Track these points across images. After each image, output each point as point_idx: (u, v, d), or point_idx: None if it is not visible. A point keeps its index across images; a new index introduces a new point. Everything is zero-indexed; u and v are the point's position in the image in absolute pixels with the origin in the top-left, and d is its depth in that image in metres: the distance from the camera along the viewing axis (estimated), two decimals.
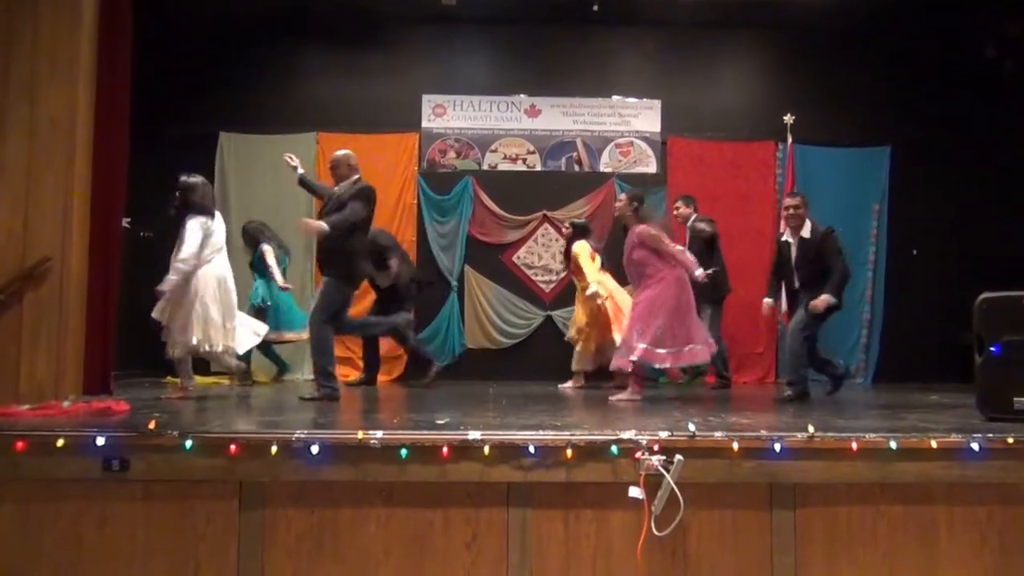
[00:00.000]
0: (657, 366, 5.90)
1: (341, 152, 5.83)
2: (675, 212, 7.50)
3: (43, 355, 5.08)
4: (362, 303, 7.72)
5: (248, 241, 7.36)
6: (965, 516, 3.63)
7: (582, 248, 7.12)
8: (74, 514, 3.51)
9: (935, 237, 8.37)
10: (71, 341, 5.18)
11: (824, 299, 5.70)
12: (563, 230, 7.77)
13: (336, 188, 5.71)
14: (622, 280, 6.86)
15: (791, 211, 6.03)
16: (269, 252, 7.22)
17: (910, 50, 8.40)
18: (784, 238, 6.16)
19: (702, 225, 7.23)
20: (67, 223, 5.21)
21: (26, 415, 4.14)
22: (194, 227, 5.53)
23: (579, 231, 7.32)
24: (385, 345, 7.90)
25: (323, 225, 5.42)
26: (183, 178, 5.74)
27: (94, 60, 5.46)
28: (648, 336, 5.63)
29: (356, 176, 5.69)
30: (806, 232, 5.96)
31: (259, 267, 7.29)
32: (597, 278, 6.95)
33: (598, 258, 7.25)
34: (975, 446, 3.58)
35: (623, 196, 6.00)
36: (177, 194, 5.68)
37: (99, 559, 3.50)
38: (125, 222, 6.04)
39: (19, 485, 3.52)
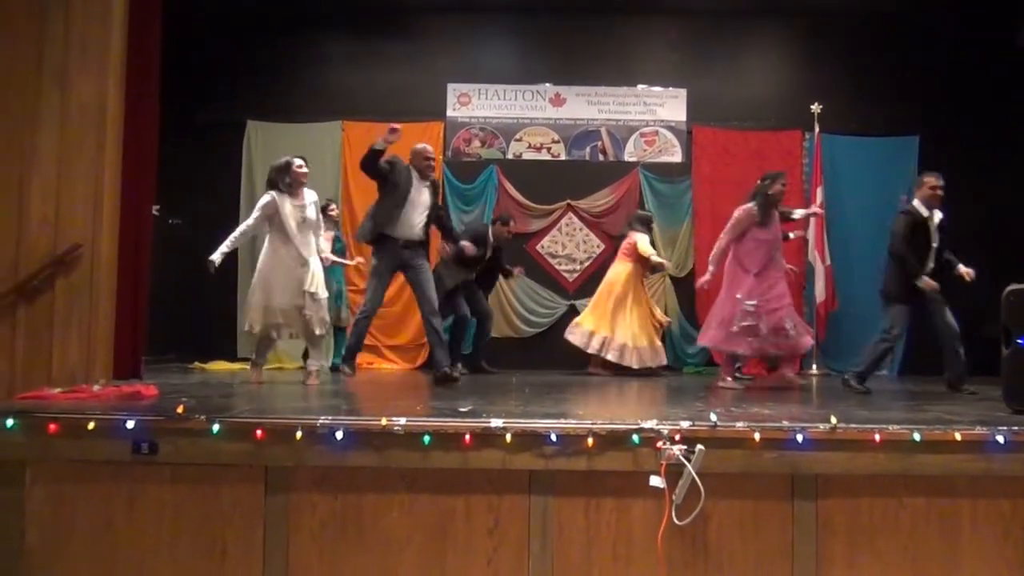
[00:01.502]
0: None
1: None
2: None
3: (74, 340, 5.15)
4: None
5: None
6: (988, 509, 3.59)
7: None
8: (104, 496, 3.57)
9: (963, 227, 8.23)
10: (101, 326, 5.26)
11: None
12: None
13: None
14: None
15: (939, 191, 5.91)
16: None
17: (939, 39, 8.30)
18: (925, 213, 5.94)
19: None
20: (98, 210, 5.28)
21: (58, 398, 4.20)
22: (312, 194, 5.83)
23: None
24: (409, 334, 7.97)
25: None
26: None
27: (124, 48, 5.52)
28: None
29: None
30: (941, 215, 5.91)
31: None
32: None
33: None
34: (1000, 439, 3.53)
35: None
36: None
37: (128, 540, 3.56)
38: (155, 209, 6.11)
39: (51, 466, 3.58)
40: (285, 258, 5.61)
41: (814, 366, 8.17)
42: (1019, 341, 4.28)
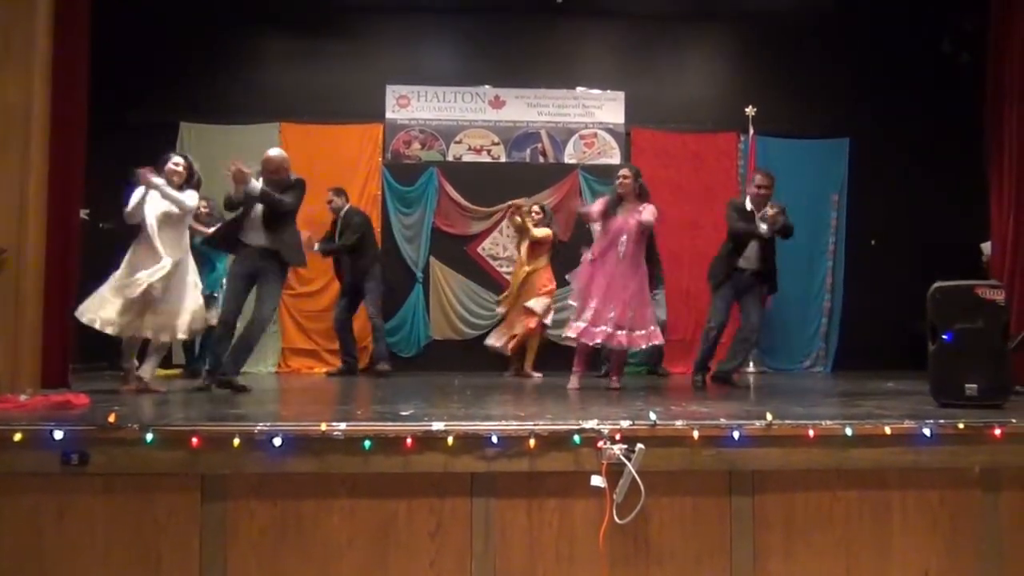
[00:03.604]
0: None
1: (279, 153, 5.86)
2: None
3: None
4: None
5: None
6: (918, 500, 3.71)
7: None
8: (32, 508, 3.46)
9: (892, 227, 8.53)
10: (28, 334, 5.10)
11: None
12: (535, 215, 7.61)
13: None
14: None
15: (762, 190, 6.20)
16: None
17: (869, 44, 8.56)
18: (748, 207, 6.27)
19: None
20: (23, 213, 5.12)
21: None
22: (193, 195, 5.51)
23: (549, 218, 7.62)
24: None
25: (247, 172, 5.41)
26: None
27: (50, 45, 5.36)
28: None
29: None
30: (770, 209, 6.14)
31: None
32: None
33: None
34: (927, 432, 3.66)
35: (627, 171, 5.95)
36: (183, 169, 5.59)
37: (59, 553, 3.45)
38: (84, 213, 5.95)
39: None
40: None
41: (751, 364, 8.32)
42: (944, 337, 4.44)
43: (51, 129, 5.35)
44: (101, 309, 5.23)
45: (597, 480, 3.46)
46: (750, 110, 8.40)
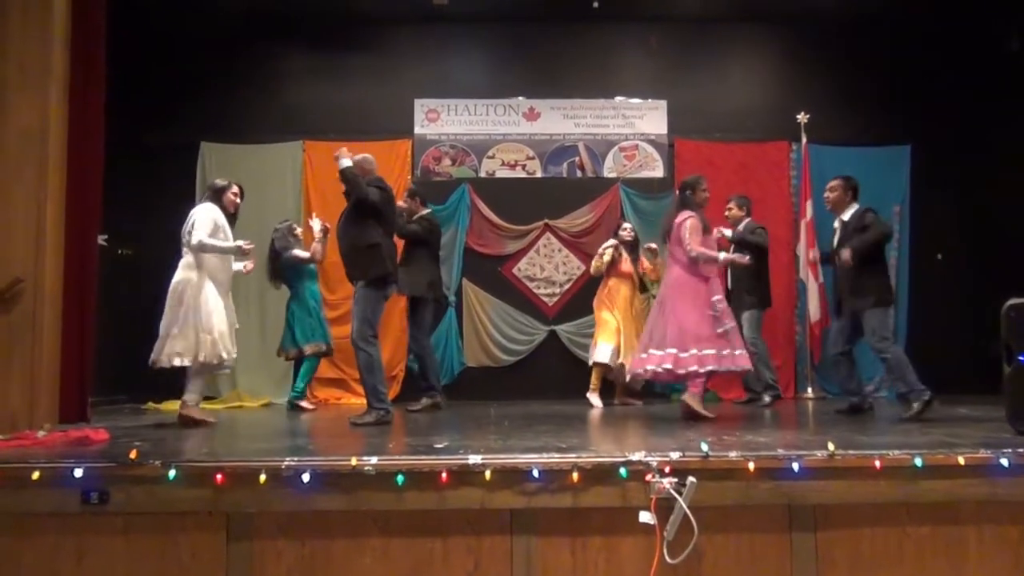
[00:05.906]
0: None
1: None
2: (726, 213, 7.42)
3: (16, 382, 5.09)
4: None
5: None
6: (996, 536, 3.63)
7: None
8: (51, 549, 3.51)
9: (960, 240, 8.40)
10: (45, 367, 5.19)
11: (847, 251, 5.75)
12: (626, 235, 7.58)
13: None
14: None
15: (825, 194, 6.25)
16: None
17: (929, 44, 8.45)
18: (835, 224, 6.29)
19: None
20: (40, 241, 5.24)
21: None
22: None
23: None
24: None
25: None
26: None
27: (67, 68, 5.51)
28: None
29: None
30: (847, 215, 6.08)
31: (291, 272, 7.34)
32: None
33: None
34: (1005, 462, 3.58)
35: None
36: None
37: None
38: (102, 239, 6.06)
39: None
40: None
41: (809, 389, 8.22)
42: (1021, 359, 4.34)
43: (68, 153, 5.47)
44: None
45: (646, 516, 3.43)
46: (802, 117, 8.33)
